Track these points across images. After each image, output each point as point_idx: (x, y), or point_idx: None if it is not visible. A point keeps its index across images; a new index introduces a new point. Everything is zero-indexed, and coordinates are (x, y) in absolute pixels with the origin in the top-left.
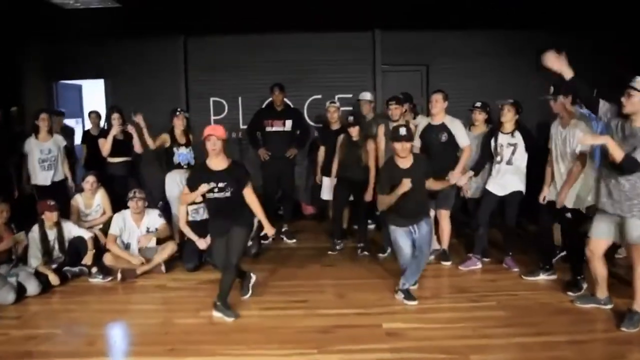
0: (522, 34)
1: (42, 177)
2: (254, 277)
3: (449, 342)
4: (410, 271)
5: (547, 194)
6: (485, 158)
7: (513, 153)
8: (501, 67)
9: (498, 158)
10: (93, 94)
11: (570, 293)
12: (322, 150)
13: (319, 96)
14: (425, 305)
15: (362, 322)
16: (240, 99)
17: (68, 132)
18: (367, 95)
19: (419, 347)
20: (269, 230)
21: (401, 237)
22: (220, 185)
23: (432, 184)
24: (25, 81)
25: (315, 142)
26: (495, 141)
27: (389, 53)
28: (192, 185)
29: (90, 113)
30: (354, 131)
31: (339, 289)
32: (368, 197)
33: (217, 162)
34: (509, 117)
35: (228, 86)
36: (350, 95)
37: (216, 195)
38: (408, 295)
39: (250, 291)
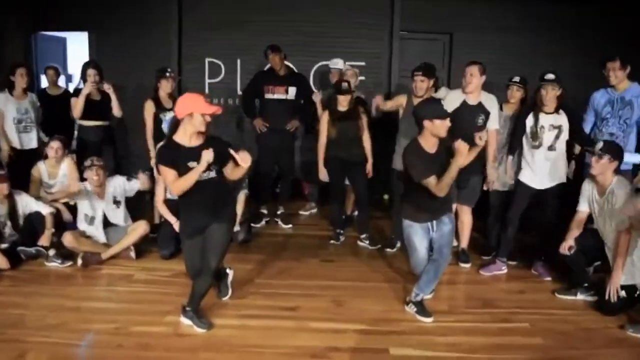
0: (557, 8)
1: (16, 140)
2: (230, 273)
3: None
4: (427, 278)
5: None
6: (518, 141)
7: (557, 137)
8: (532, 42)
9: (536, 142)
10: (79, 48)
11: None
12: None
13: (327, 62)
14: (442, 323)
15: (364, 343)
16: (239, 61)
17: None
18: (338, 63)
19: None
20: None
21: (417, 235)
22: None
23: (462, 157)
24: (4, 33)
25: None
26: (536, 122)
27: (408, 18)
28: (169, 163)
29: (47, 68)
30: (344, 100)
31: (337, 293)
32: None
33: (192, 139)
34: (552, 95)
35: (226, 46)
36: (363, 63)
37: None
38: (422, 309)
39: (230, 290)
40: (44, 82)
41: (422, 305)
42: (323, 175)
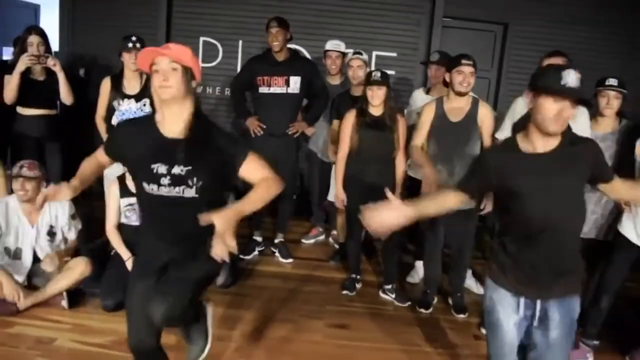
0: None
1: None
2: (210, 312)
3: None
4: None
5: None
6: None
7: None
8: (606, 36)
9: None
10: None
11: None
12: (335, 126)
13: (349, 51)
14: None
15: None
16: (240, 42)
17: None
18: (340, 46)
19: None
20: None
21: (504, 310)
22: (177, 170)
23: None
24: None
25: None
26: None
27: (455, 3)
28: (110, 151)
29: None
30: (378, 99)
31: None
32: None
33: (175, 121)
34: None
35: (225, 24)
36: (394, 55)
37: (164, 191)
38: None
39: (208, 344)
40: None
41: None
42: (341, 200)
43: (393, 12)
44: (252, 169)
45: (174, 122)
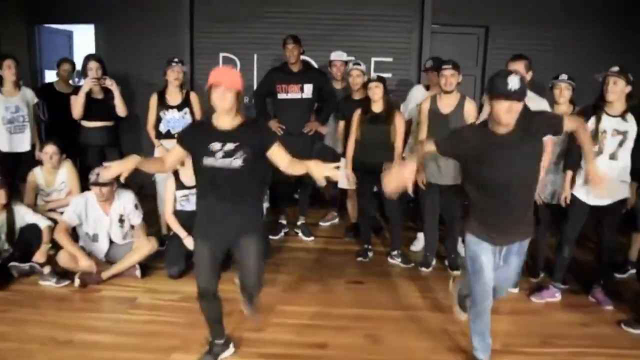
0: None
1: (6, 142)
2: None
3: None
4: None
5: None
6: (577, 150)
7: (621, 144)
8: (578, 36)
9: (595, 148)
10: (88, 42)
11: None
12: (341, 126)
13: (351, 58)
14: None
15: None
16: (255, 56)
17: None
18: (343, 56)
19: None
20: None
21: (486, 253)
22: (229, 146)
23: None
24: (3, 24)
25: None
26: (597, 124)
27: (441, 11)
28: (183, 142)
29: (61, 61)
30: (377, 96)
31: (371, 325)
32: None
33: (226, 120)
34: (617, 93)
35: (242, 41)
36: (390, 60)
37: (219, 162)
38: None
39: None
40: (50, 78)
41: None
42: (351, 179)
43: (388, 22)
44: (278, 152)
45: (226, 121)
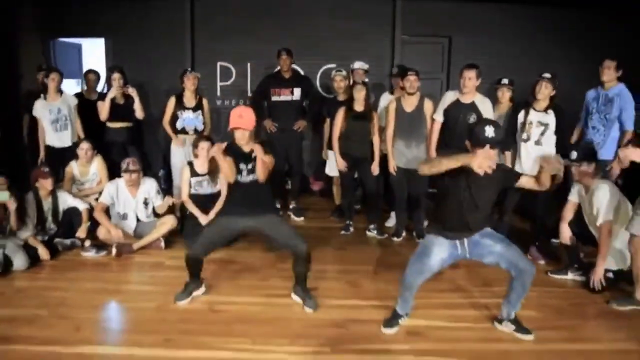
0: (555, 11)
1: (55, 138)
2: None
3: (476, 346)
4: (516, 296)
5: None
6: (511, 136)
7: (542, 133)
8: (528, 46)
9: (524, 136)
10: (93, 54)
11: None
12: (327, 124)
13: (333, 65)
14: (448, 299)
15: (379, 316)
16: (249, 65)
17: None
18: (357, 64)
19: (443, 350)
20: None
21: (439, 248)
22: (250, 166)
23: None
24: (20, 38)
25: (322, 114)
26: (525, 117)
27: (410, 23)
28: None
29: (87, 72)
30: (360, 95)
31: (352, 276)
32: (375, 170)
33: (244, 145)
34: (545, 93)
35: (236, 51)
36: (367, 66)
37: (245, 178)
38: (519, 326)
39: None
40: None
41: (519, 322)
42: (342, 165)
43: (364, 34)
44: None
45: (245, 145)
